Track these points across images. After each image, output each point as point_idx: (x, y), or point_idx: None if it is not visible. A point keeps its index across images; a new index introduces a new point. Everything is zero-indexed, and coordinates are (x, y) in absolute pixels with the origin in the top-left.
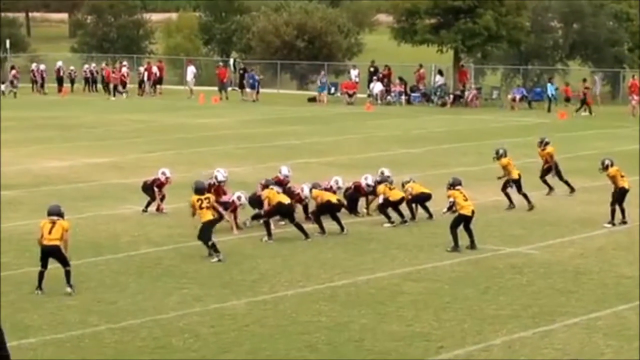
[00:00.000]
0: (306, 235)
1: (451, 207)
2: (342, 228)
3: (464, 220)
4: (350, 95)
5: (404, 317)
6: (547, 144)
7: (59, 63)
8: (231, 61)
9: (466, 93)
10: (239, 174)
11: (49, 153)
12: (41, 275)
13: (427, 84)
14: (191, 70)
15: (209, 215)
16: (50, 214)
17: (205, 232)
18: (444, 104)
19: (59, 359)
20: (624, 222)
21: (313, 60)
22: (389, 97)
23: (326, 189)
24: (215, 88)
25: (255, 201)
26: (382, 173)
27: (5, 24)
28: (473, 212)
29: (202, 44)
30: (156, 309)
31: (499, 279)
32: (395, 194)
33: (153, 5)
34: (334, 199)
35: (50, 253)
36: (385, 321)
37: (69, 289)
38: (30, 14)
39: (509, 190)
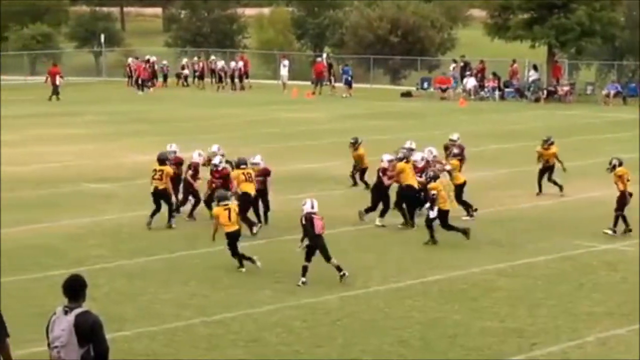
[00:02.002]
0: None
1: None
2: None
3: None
4: (443, 90)
5: (497, 314)
6: (552, 143)
7: (152, 58)
8: (324, 56)
9: (560, 88)
10: (331, 169)
11: (142, 147)
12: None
13: (521, 79)
14: (284, 65)
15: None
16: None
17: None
18: (537, 100)
19: (153, 351)
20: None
21: (406, 55)
22: (482, 93)
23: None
24: (308, 83)
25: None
26: (431, 152)
27: (100, 18)
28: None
29: (295, 38)
30: (249, 303)
31: (592, 275)
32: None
33: (246, 0)
34: (415, 182)
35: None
36: (479, 317)
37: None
38: (124, 9)
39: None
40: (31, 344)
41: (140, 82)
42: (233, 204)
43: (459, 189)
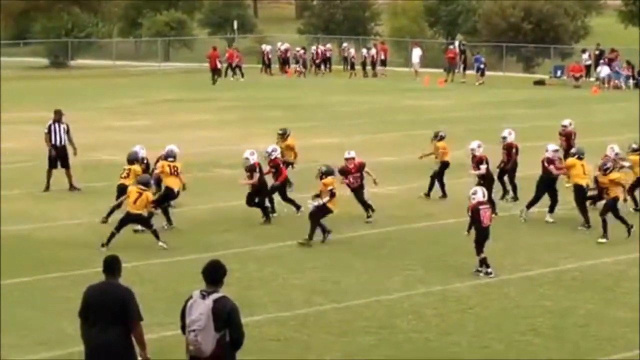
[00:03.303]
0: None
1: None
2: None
3: None
4: (577, 79)
5: (630, 304)
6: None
7: (285, 45)
8: (456, 43)
9: None
10: (462, 157)
11: (276, 133)
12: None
13: None
14: (417, 52)
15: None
16: (139, 183)
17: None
18: None
19: (284, 336)
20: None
21: (539, 43)
22: (616, 81)
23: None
24: (441, 70)
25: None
26: (613, 149)
27: (233, 5)
28: None
29: (428, 26)
30: (380, 290)
31: None
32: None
33: None
34: (584, 180)
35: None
36: (611, 307)
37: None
38: None
39: None
40: (163, 328)
41: (233, 67)
42: (149, 192)
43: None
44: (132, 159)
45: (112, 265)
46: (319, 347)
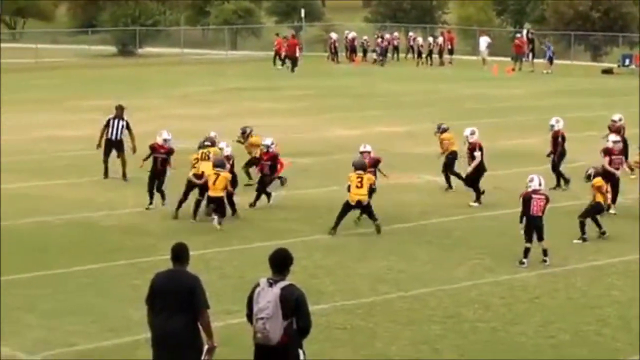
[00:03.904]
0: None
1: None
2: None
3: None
4: None
5: None
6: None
7: (352, 33)
8: (524, 32)
9: None
10: (530, 145)
11: (343, 121)
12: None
13: None
14: (484, 41)
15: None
16: (215, 165)
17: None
18: None
19: (351, 325)
20: None
21: (607, 31)
22: None
23: None
24: (508, 59)
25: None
26: None
27: None
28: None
29: (495, 14)
30: (446, 279)
31: None
32: None
33: None
34: None
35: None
36: None
37: None
38: None
39: None
40: (230, 316)
41: (282, 57)
42: (225, 172)
43: None
44: (210, 144)
45: (179, 253)
46: (385, 335)
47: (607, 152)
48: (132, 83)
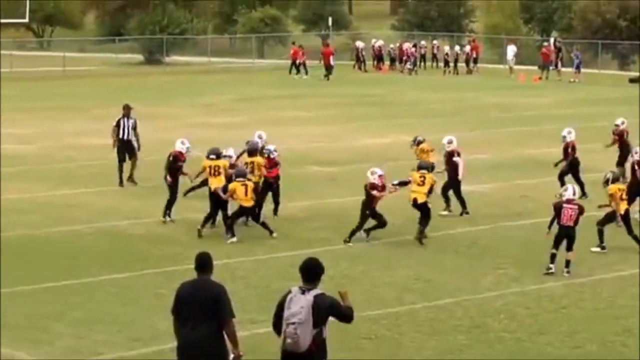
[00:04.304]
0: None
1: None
2: None
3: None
4: None
5: None
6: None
7: (379, 41)
8: (551, 40)
9: None
10: (555, 155)
11: (370, 130)
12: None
13: None
14: (512, 49)
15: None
16: (239, 175)
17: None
18: None
19: (376, 334)
20: None
21: (635, 39)
22: None
23: None
24: (536, 67)
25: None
26: None
27: (328, 1)
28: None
29: (523, 22)
30: (472, 289)
31: None
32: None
33: None
34: None
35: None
36: None
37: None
38: None
39: None
40: (255, 325)
41: (297, 65)
42: (250, 182)
43: None
44: (253, 150)
45: (204, 262)
46: (411, 345)
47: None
48: (159, 91)
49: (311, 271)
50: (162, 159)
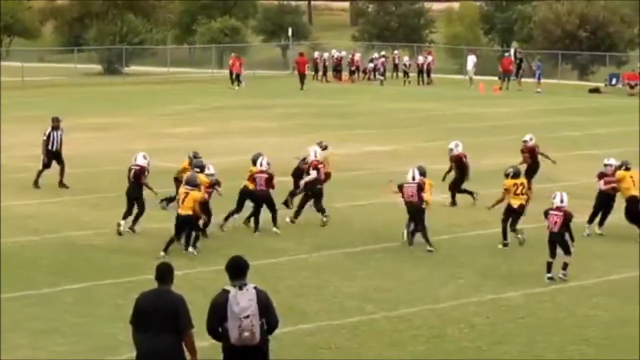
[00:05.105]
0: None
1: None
2: None
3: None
4: (632, 87)
5: None
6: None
7: (339, 52)
8: (512, 51)
9: None
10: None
11: (327, 140)
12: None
13: None
14: (471, 59)
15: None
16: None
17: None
18: None
19: (335, 345)
20: None
21: (594, 50)
22: None
23: None
24: (496, 78)
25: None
26: None
27: (287, 11)
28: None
29: (483, 33)
30: (432, 298)
31: None
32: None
33: None
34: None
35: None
36: None
37: None
38: (312, 2)
39: None
40: None
41: (234, 77)
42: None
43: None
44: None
45: (164, 273)
46: (370, 355)
47: (601, 176)
48: (119, 101)
49: (239, 268)
50: (122, 169)
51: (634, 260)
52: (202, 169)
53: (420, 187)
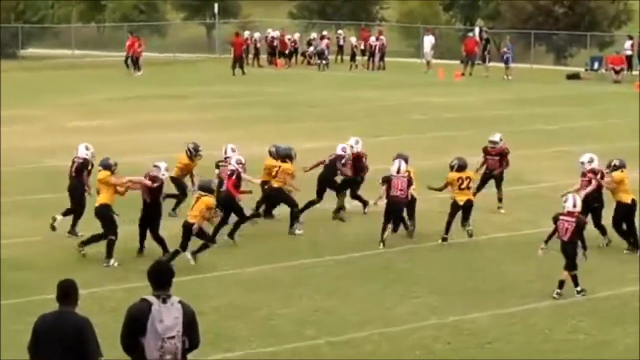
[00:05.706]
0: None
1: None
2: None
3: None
4: (617, 72)
5: None
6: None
7: (274, 31)
8: (476, 30)
9: None
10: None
11: (262, 136)
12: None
13: None
14: (429, 40)
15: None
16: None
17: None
18: None
19: None
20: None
21: (573, 29)
22: None
23: None
24: (457, 62)
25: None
26: None
27: None
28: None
29: (442, 9)
30: (384, 321)
31: None
32: None
33: None
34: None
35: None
36: None
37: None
38: None
39: None
40: None
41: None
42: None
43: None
44: (284, 155)
45: (67, 292)
46: None
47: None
48: (16, 90)
49: (164, 276)
50: (23, 170)
51: (617, 275)
52: (106, 167)
53: (410, 182)
